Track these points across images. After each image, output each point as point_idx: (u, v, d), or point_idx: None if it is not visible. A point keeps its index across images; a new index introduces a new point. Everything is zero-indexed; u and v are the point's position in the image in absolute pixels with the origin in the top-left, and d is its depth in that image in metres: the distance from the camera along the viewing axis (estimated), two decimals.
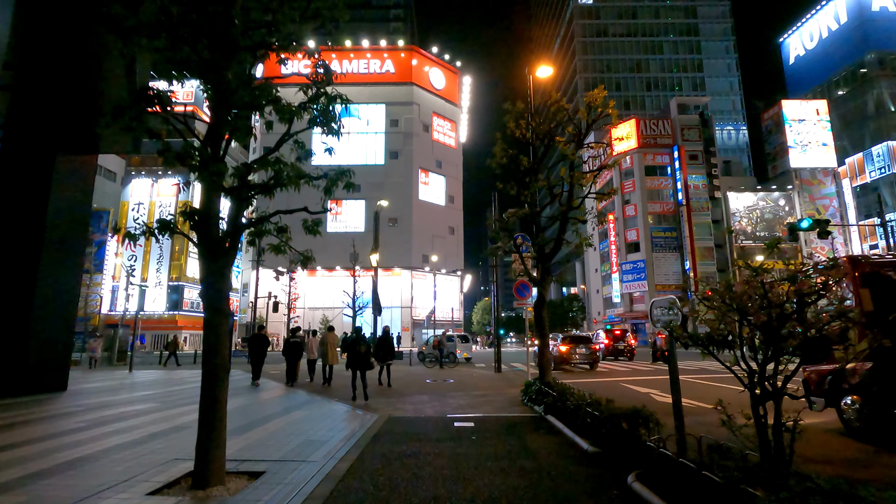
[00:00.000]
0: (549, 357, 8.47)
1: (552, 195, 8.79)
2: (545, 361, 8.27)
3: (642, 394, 10.81)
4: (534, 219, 8.75)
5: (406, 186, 56.31)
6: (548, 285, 8.53)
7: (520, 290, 12.48)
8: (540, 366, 8.37)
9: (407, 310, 54.11)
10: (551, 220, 9.21)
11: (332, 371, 12.94)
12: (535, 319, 8.50)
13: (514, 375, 15.60)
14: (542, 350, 8.29)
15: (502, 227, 8.86)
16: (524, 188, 8.62)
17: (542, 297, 8.43)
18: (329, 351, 12.38)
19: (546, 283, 8.38)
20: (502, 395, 10.49)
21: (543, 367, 8.25)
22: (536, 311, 8.43)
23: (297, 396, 10.58)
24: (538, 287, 8.49)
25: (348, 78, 58.84)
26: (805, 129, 58.87)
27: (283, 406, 9.01)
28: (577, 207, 8.62)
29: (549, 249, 8.51)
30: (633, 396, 10.29)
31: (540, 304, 8.43)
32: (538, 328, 8.40)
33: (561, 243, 8.49)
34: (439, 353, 20.59)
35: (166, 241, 55.16)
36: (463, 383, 13.11)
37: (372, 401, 9.54)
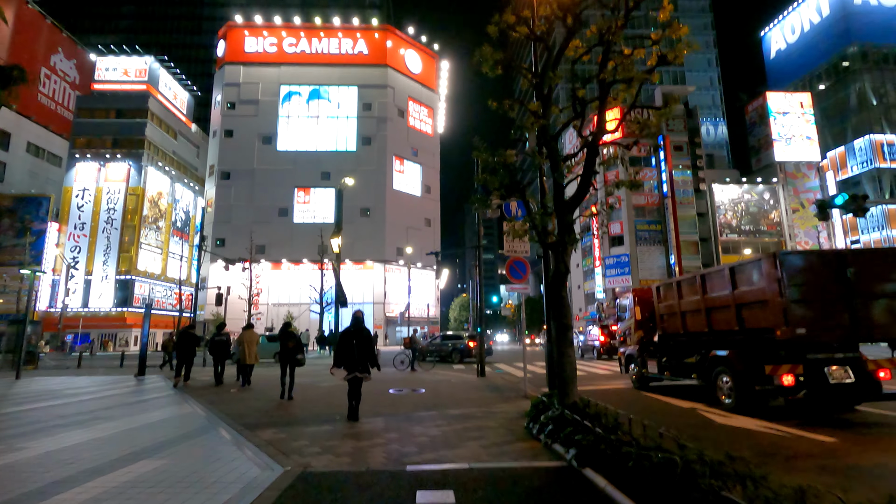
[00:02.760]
0: (574, 363, 5.33)
1: (579, 105, 5.67)
2: (568, 372, 5.14)
3: (684, 409, 7.80)
4: (547, 142, 5.62)
5: (379, 174, 52.73)
6: (570, 250, 5.45)
7: (514, 270, 9.36)
8: (559, 379, 5.24)
9: (380, 306, 50.62)
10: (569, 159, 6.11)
11: (251, 370, 12.16)
12: (550, 303, 5.37)
13: (500, 381, 12.48)
14: (564, 353, 5.16)
15: (496, 161, 5.62)
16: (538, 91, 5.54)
17: (561, 269, 5.33)
18: (247, 349, 11.76)
19: (568, 244, 5.30)
20: (493, 414, 7.34)
21: (565, 381, 5.12)
22: (552, 291, 5.31)
23: (190, 421, 7.18)
24: (555, 251, 5.38)
25: (318, 58, 54.96)
26: (789, 121, 57.73)
27: (149, 440, 5.66)
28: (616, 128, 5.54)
29: (573, 187, 5.45)
30: (680, 416, 7.26)
31: (558, 281, 5.32)
32: (555, 317, 5.28)
33: (589, 182, 5.42)
34: (412, 353, 17.36)
35: (115, 231, 50.38)
36: (438, 394, 9.91)
37: (295, 431, 6.25)
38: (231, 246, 47.18)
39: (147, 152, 55.08)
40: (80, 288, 49.41)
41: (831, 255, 7.50)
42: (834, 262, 7.23)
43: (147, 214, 52.28)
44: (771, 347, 7.24)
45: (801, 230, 55.24)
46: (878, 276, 7.12)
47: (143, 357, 14.21)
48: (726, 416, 7.19)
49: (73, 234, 50.35)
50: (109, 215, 50.78)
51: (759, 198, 56.17)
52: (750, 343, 7.62)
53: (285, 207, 51.53)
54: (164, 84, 61.30)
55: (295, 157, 52.21)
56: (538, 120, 5.53)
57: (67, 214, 50.47)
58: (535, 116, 5.47)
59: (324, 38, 55.64)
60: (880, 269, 7.23)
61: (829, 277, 7.08)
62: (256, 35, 55.04)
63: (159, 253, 54.54)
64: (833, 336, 7.05)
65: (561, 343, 5.20)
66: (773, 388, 6.95)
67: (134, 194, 51.35)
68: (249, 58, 54.47)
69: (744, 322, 7.69)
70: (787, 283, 6.88)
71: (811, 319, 6.85)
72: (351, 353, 6.62)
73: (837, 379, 7.00)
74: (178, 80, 65.68)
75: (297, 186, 51.80)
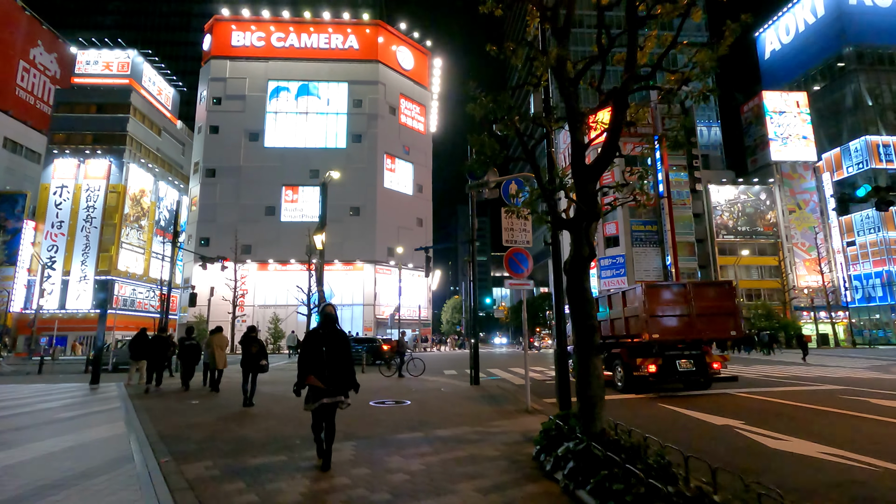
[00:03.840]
0: (601, 376, 3.98)
1: (605, 37, 4.38)
2: (594, 389, 3.79)
3: (717, 426, 6.51)
4: (564, 86, 4.28)
5: (370, 172, 51.28)
6: (594, 228, 4.15)
7: (514, 262, 8.06)
8: (582, 397, 3.88)
9: (370, 307, 49.10)
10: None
11: (220, 375, 11.70)
12: (569, 296, 4.06)
13: (497, 390, 11.16)
14: (588, 363, 3.82)
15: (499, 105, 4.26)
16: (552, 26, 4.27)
17: (584, 253, 4.02)
18: (216, 353, 11.36)
19: (592, 219, 3.98)
20: (490, 436, 6.01)
21: (591, 402, 3.78)
22: (571, 281, 4.00)
23: (110, 447, 5.77)
24: (573, 230, 4.07)
25: (307, 53, 53.47)
26: (786, 121, 57.14)
27: (41, 476, 4.27)
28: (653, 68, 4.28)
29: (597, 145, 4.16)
30: (720, 438, 5.96)
31: (579, 268, 4.00)
32: (576, 315, 3.96)
33: (617, 141, 4.15)
34: (398, 358, 15.99)
35: (94, 230, 48.49)
36: (425, 408, 8.55)
37: (235, 464, 4.89)
38: (216, 245, 45.50)
39: (129, 148, 53.18)
40: (56, 289, 47.41)
41: (679, 286, 11.14)
42: (681, 290, 10.82)
43: (128, 213, 50.40)
44: (643, 348, 10.59)
45: (797, 231, 54.57)
46: (707, 301, 10.61)
47: (97, 363, 12.72)
48: (773, 436, 5.92)
49: (51, 232, 48.32)
50: (89, 213, 48.84)
51: (755, 198, 55.45)
52: (632, 344, 10.93)
53: (272, 206, 49.92)
54: (147, 79, 59.46)
55: (283, 155, 50.63)
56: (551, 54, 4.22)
57: (45, 212, 48.47)
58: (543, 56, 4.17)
59: (313, 32, 54.15)
60: (708, 295, 10.81)
61: (678, 301, 10.57)
62: (244, 29, 53.45)
63: (141, 253, 52.64)
64: (682, 339, 10.40)
65: (584, 349, 3.89)
66: (644, 374, 10.29)
67: (115, 192, 49.45)
68: (236, 52, 52.87)
69: (630, 329, 11.12)
70: (650, 304, 10.32)
71: (665, 329, 10.30)
72: (320, 366, 4.63)
73: (685, 368, 10.50)
74: (162, 76, 63.86)
75: (285, 184, 50.21)
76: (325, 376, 4.61)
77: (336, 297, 48.54)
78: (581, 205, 4.12)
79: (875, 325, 51.50)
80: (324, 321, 4.88)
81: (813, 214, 55.14)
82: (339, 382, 4.69)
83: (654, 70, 4.46)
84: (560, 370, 6.29)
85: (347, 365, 4.76)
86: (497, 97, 4.24)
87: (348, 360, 4.79)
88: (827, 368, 17.45)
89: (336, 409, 4.71)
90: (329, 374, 4.63)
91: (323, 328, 4.84)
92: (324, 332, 4.78)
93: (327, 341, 4.71)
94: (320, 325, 4.87)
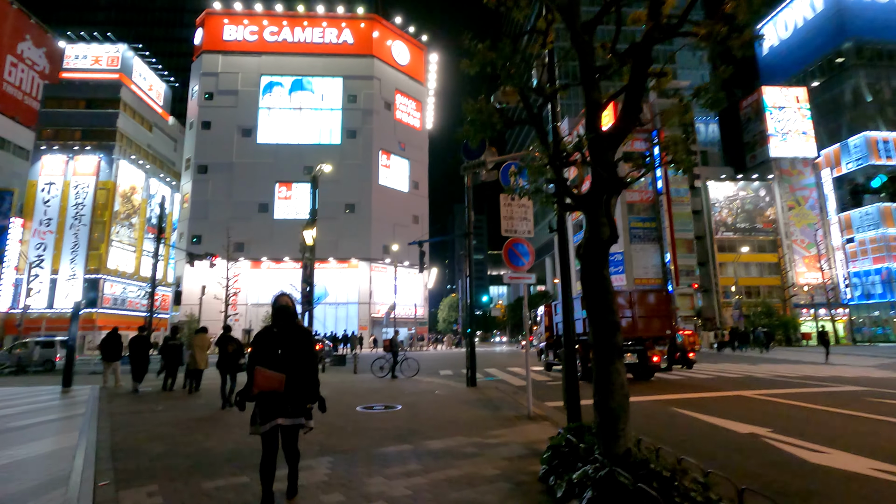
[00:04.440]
0: (625, 384, 3.20)
1: None
2: (617, 399, 3.03)
3: (742, 434, 5.80)
4: (577, 34, 3.54)
5: (365, 169, 50.44)
6: (614, 203, 3.41)
7: (514, 254, 7.33)
8: (603, 410, 3.06)
9: (365, 306, 48.32)
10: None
11: (200, 376, 11.32)
12: (585, 288, 3.32)
13: (495, 392, 10.44)
14: (609, 368, 3.06)
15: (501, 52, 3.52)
16: None
17: (602, 235, 3.28)
18: (197, 354, 11.00)
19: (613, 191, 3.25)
20: (488, 449, 5.29)
21: (613, 415, 3.01)
22: (588, 270, 3.25)
23: (50, 465, 5.02)
24: (588, 208, 3.31)
25: (301, 47, 52.55)
26: (785, 116, 56.60)
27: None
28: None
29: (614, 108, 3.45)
30: (751, 450, 5.25)
31: (597, 253, 3.25)
32: (593, 310, 3.21)
33: (639, 101, 3.43)
34: (392, 358, 15.25)
35: (83, 227, 47.53)
36: (417, 414, 7.82)
37: (186, 487, 4.16)
38: (208, 243, 44.55)
39: (119, 145, 52.16)
40: (45, 288, 46.44)
41: (625, 293, 13.90)
42: (626, 297, 13.22)
43: (118, 210, 49.46)
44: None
45: (797, 228, 54.06)
46: (647, 306, 13.14)
47: (70, 365, 11.94)
48: (809, 447, 5.22)
49: (39, 230, 47.36)
50: (77, 211, 47.88)
51: (754, 195, 54.91)
52: (587, 341, 12.18)
53: (265, 203, 49.01)
54: (138, 74, 58.40)
55: (276, 151, 49.71)
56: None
57: (32, 210, 47.46)
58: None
59: (307, 26, 53.22)
60: (649, 301, 13.31)
61: (624, 305, 12.74)
62: (236, 23, 52.46)
63: (132, 251, 51.70)
64: (626, 338, 12.21)
65: (604, 351, 3.16)
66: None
67: (104, 188, 48.48)
68: (228, 46, 51.87)
69: (584, 329, 12.45)
70: None
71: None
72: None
73: (629, 361, 12.76)
74: (154, 71, 62.80)
75: (278, 181, 49.30)
76: (281, 393, 3.48)
77: (331, 296, 47.78)
78: (600, 171, 3.39)
79: (874, 323, 51.07)
80: (278, 316, 3.73)
81: (812, 211, 54.66)
82: (299, 396, 3.55)
83: (684, 18, 3.73)
84: (568, 373, 5.57)
85: (310, 373, 3.64)
86: (497, 44, 3.51)
87: (311, 366, 3.67)
88: (834, 367, 16.83)
89: (297, 434, 3.63)
90: (287, 384, 3.49)
91: (278, 325, 3.71)
92: (279, 330, 3.67)
93: (284, 342, 3.61)
94: (274, 322, 3.74)
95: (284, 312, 3.74)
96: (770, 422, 6.67)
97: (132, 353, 12.12)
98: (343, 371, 17.56)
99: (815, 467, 4.59)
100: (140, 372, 12.01)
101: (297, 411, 3.55)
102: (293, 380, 3.51)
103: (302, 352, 3.63)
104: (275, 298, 3.76)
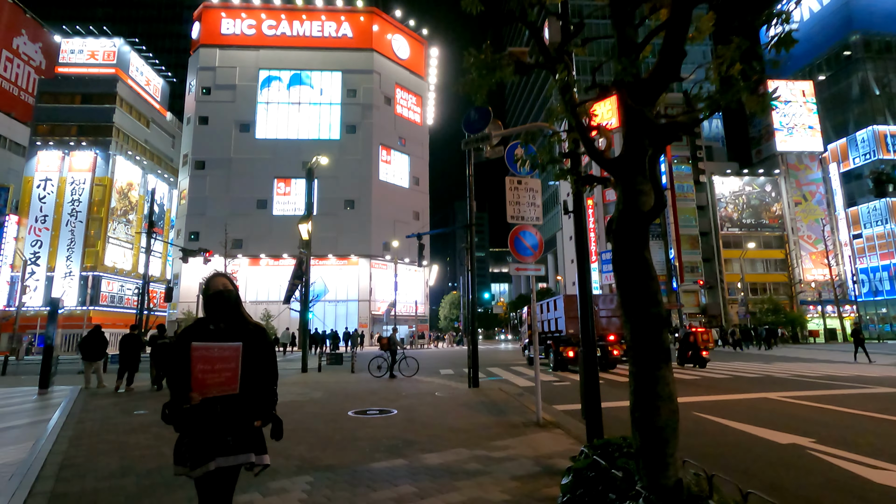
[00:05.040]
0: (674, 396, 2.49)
1: None
2: (663, 416, 2.31)
3: (782, 445, 5.07)
4: None
5: (364, 164, 49.68)
6: (657, 167, 2.71)
7: (521, 243, 6.61)
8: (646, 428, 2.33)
9: (365, 303, 47.62)
10: None
11: None
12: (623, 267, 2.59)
13: (498, 394, 9.73)
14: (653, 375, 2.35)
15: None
16: None
17: (642, 206, 2.57)
18: None
19: (660, 144, 2.55)
20: (494, 464, 4.58)
21: (660, 437, 2.31)
22: (624, 250, 2.54)
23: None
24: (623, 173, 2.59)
25: (299, 41, 51.74)
26: (791, 110, 55.66)
27: None
28: None
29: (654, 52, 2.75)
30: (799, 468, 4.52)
31: (636, 227, 2.54)
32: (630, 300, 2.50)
33: (683, 40, 2.71)
34: (390, 357, 14.54)
35: (80, 224, 46.87)
36: (414, 419, 7.10)
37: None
38: (206, 240, 43.89)
39: (115, 140, 51.44)
40: (41, 285, 45.81)
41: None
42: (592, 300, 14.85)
43: (115, 206, 48.77)
44: (565, 340, 15.55)
45: (803, 223, 53.20)
46: (608, 306, 16.26)
47: (47, 366, 11.26)
48: (866, 462, 4.49)
49: (34, 227, 46.68)
50: (74, 207, 47.19)
51: (760, 190, 54.04)
52: (559, 337, 16.16)
53: (264, 199, 48.30)
54: (134, 68, 57.64)
55: (274, 146, 48.98)
56: None
57: (28, 206, 46.79)
58: None
59: (306, 20, 52.38)
60: (609, 303, 16.38)
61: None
62: (234, 16, 51.64)
63: (130, 248, 51.04)
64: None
65: (647, 353, 2.42)
66: (566, 357, 15.10)
67: (101, 185, 47.79)
68: (226, 40, 51.08)
69: (557, 326, 16.76)
70: (567, 309, 15.93)
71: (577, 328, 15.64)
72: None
73: None
74: (151, 66, 62.04)
75: (277, 177, 48.57)
76: (218, 412, 2.26)
77: (330, 293, 47.13)
78: (636, 125, 2.66)
79: (882, 320, 50.24)
80: (215, 306, 2.45)
81: (819, 206, 53.80)
82: (244, 425, 2.33)
83: None
84: (587, 377, 4.83)
85: (265, 387, 2.43)
86: None
87: (268, 379, 2.45)
88: (851, 366, 16.08)
89: (235, 475, 2.35)
90: (232, 407, 2.29)
91: (215, 319, 2.42)
92: (217, 327, 2.40)
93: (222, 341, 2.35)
94: (209, 315, 2.46)
95: (223, 301, 2.45)
96: (810, 430, 5.94)
97: (122, 352, 11.72)
98: (340, 370, 16.88)
99: (884, 490, 3.86)
100: (128, 372, 11.48)
101: (244, 443, 2.31)
102: (241, 400, 2.32)
103: (255, 360, 2.38)
104: (206, 281, 2.50)
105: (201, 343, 2.26)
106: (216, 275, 2.53)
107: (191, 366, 2.20)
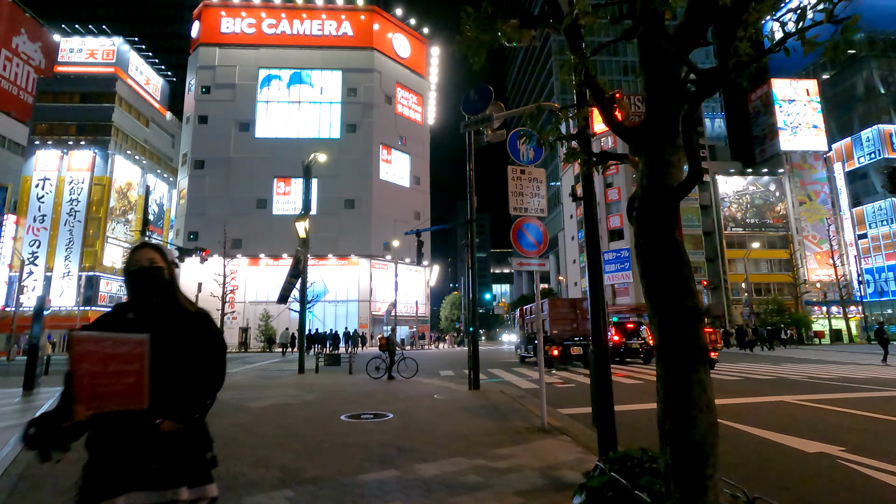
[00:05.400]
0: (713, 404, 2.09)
1: None
2: (701, 429, 1.91)
3: (810, 454, 4.63)
4: None
5: (365, 164, 49.30)
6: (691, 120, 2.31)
7: (525, 236, 6.18)
8: (677, 442, 1.94)
9: (365, 304, 47.21)
10: None
11: None
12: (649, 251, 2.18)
13: (500, 397, 9.30)
14: (688, 380, 1.97)
15: None
16: None
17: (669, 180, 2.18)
18: None
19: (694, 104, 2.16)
20: (497, 476, 4.17)
21: (699, 454, 1.91)
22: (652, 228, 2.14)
23: None
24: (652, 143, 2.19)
25: (299, 40, 51.41)
26: (795, 109, 55.16)
27: None
28: None
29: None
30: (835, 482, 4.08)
31: (664, 205, 2.16)
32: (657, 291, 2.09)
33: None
34: (389, 358, 14.13)
35: (78, 224, 46.57)
36: (410, 425, 6.67)
37: None
38: (205, 239, 43.52)
39: (114, 139, 51.17)
40: (39, 285, 45.48)
41: (570, 300, 19.03)
42: (571, 303, 18.27)
43: (114, 206, 48.49)
44: (549, 339, 16.37)
45: (808, 223, 52.67)
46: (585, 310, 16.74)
47: (32, 367, 10.87)
48: None
49: (33, 226, 46.45)
50: (72, 207, 46.93)
51: (764, 189, 53.54)
52: (545, 336, 16.00)
53: (263, 199, 47.94)
54: (134, 67, 57.34)
55: (274, 145, 48.61)
56: None
57: (26, 206, 46.53)
58: None
59: (306, 19, 52.05)
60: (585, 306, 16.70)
61: (569, 310, 17.72)
62: (233, 15, 51.33)
63: (128, 247, 50.72)
64: (572, 335, 16.88)
65: (678, 353, 1.99)
66: (551, 356, 15.95)
67: (99, 184, 47.52)
68: (226, 39, 50.77)
69: (543, 327, 16.56)
70: (551, 312, 17.39)
71: (561, 328, 17.03)
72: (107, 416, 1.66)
73: (575, 352, 16.46)
74: (151, 65, 61.76)
75: (277, 176, 48.21)
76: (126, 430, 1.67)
77: (330, 293, 46.73)
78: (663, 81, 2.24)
79: (888, 321, 49.65)
80: (137, 287, 1.82)
81: (824, 206, 53.28)
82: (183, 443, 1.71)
83: None
84: (600, 380, 4.40)
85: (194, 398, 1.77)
86: None
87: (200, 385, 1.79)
88: (864, 368, 15.62)
89: None
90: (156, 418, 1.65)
91: (137, 309, 1.80)
92: (137, 315, 1.78)
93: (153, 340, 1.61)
94: (132, 298, 1.83)
95: (147, 280, 1.80)
96: (838, 437, 5.51)
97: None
98: (338, 371, 16.46)
99: None
100: None
101: (175, 474, 1.68)
102: (169, 411, 1.68)
103: (181, 360, 1.74)
104: (129, 255, 1.85)
105: (86, 333, 1.59)
106: (141, 246, 1.88)
107: (73, 366, 1.54)
